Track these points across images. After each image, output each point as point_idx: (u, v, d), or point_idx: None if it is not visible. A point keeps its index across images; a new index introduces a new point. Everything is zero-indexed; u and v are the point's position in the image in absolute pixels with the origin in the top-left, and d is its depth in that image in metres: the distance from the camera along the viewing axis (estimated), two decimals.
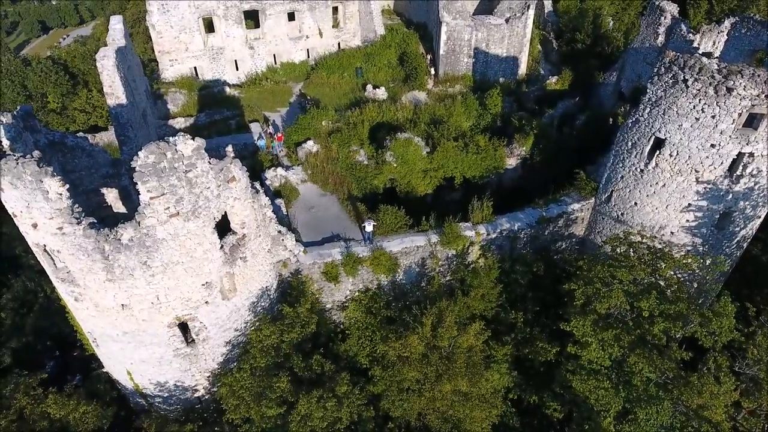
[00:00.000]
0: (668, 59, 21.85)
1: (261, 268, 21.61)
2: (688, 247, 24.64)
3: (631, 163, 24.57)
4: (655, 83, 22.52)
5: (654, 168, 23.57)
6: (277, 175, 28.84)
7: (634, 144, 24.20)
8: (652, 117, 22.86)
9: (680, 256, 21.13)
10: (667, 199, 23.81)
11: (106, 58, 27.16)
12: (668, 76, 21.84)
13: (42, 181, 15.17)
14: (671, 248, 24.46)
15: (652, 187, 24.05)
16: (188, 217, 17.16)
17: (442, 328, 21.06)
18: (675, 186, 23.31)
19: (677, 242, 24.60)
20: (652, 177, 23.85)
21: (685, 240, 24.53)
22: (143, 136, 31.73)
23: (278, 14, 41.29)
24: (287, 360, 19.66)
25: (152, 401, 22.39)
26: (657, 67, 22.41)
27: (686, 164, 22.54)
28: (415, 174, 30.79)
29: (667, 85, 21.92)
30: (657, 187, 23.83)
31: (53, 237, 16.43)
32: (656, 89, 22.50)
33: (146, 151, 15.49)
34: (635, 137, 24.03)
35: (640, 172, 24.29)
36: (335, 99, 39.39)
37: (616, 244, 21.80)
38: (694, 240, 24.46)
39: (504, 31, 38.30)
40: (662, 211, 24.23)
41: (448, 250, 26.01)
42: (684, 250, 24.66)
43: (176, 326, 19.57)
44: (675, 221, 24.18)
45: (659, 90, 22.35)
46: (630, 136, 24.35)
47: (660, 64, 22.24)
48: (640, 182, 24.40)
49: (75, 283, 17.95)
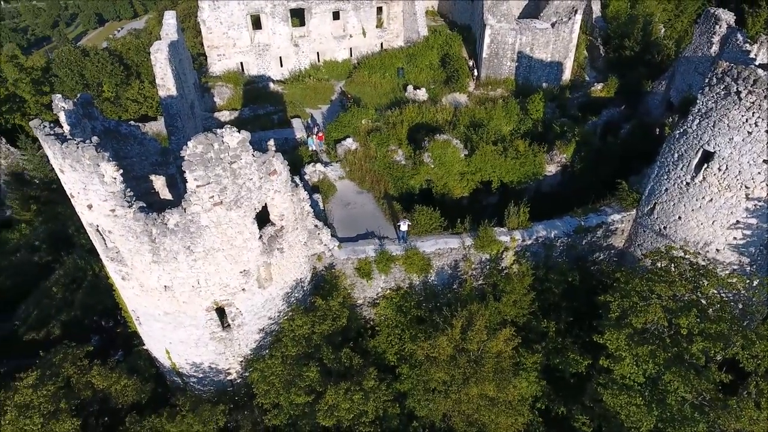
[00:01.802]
0: (721, 69, 21.11)
1: (296, 260, 22.14)
2: (734, 266, 23.72)
3: (677, 175, 23.85)
4: (705, 94, 21.79)
5: (701, 182, 22.80)
6: (315, 170, 29.42)
7: (680, 156, 23.48)
8: (701, 129, 22.14)
9: (725, 275, 20.38)
10: (713, 214, 23.00)
11: (159, 52, 28.36)
12: (720, 87, 21.11)
13: (99, 165, 16.05)
14: (716, 266, 23.63)
15: (698, 202, 23.28)
16: (231, 207, 17.79)
17: (472, 332, 21.04)
18: (723, 202, 22.50)
19: (722, 260, 23.73)
20: (698, 191, 23.09)
21: (731, 258, 23.62)
22: (191, 127, 32.97)
23: (323, 13, 42.05)
24: (317, 351, 20.09)
25: (187, 381, 23.28)
26: (709, 77, 21.69)
27: (736, 180, 21.73)
28: (452, 176, 30.79)
29: (719, 97, 21.19)
30: (703, 201, 23.05)
31: (106, 218, 17.36)
32: (707, 100, 21.78)
33: (195, 142, 16.16)
34: (682, 149, 23.32)
35: (685, 185, 23.55)
36: (376, 98, 39.86)
37: (656, 258, 21.23)
38: (741, 259, 23.53)
39: (549, 36, 37.77)
40: (708, 227, 23.42)
41: (482, 254, 25.90)
42: (729, 268, 23.75)
43: (214, 310, 20.28)
44: (721, 238, 23.33)
45: (710, 101, 21.63)
46: (677, 148, 23.64)
47: (712, 74, 21.52)
48: (686, 196, 23.65)
49: (123, 263, 18.89)
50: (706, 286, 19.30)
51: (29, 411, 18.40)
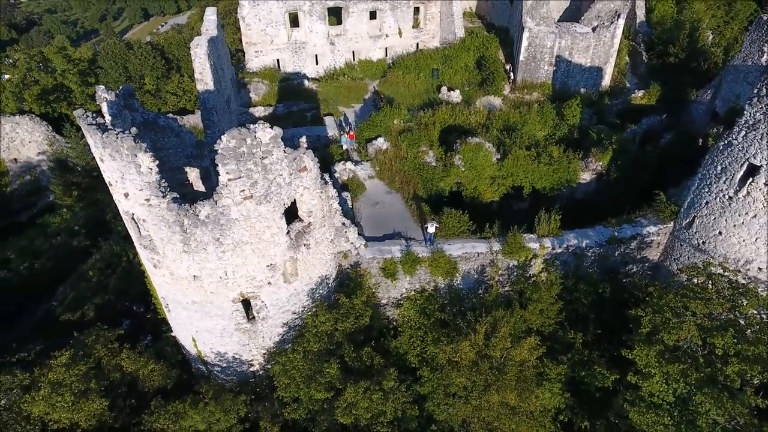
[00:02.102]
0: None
1: (322, 257, 22.28)
2: None
3: (719, 189, 22.89)
4: (754, 105, 20.85)
5: (745, 197, 21.82)
6: (345, 168, 29.55)
7: (724, 169, 22.53)
8: (748, 141, 21.19)
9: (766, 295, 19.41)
10: (757, 231, 21.97)
11: (199, 47, 29.02)
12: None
13: (136, 156, 16.53)
14: (756, 285, 22.60)
15: (740, 217, 22.29)
16: (260, 201, 18.04)
17: (496, 338, 20.72)
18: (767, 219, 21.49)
19: (765, 279, 22.65)
20: (741, 206, 22.10)
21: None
22: (226, 121, 33.62)
23: (360, 12, 42.18)
24: (339, 348, 20.16)
25: (211, 369, 23.75)
26: (758, 87, 20.74)
27: None
28: (483, 180, 30.42)
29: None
30: (746, 217, 22.06)
31: (141, 207, 17.87)
32: (755, 111, 20.83)
33: (228, 136, 16.45)
34: (726, 161, 22.37)
35: (728, 199, 22.58)
36: (409, 98, 39.73)
37: (693, 273, 20.40)
38: None
39: (590, 40, 36.86)
40: (750, 245, 22.39)
41: (510, 260, 25.49)
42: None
43: (240, 302, 20.62)
44: (764, 257, 22.27)
45: (758, 113, 20.68)
46: (720, 160, 22.69)
47: (762, 84, 20.56)
48: (727, 210, 22.68)
49: (155, 251, 19.41)
50: (745, 305, 18.41)
51: (61, 389, 19.14)
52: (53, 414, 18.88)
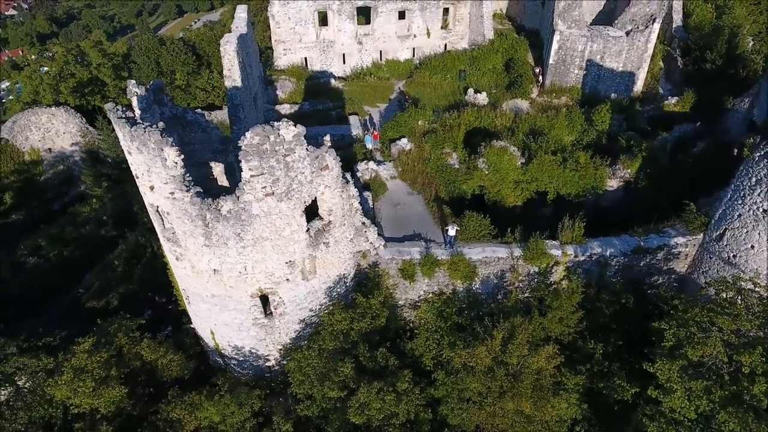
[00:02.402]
0: None
1: (341, 256, 22.33)
2: None
3: (753, 201, 22.04)
4: None
5: None
6: (368, 168, 29.54)
7: (758, 180, 21.69)
8: None
9: None
10: None
11: (228, 44, 29.44)
12: None
13: (162, 150, 16.86)
14: None
15: None
16: (281, 198, 18.17)
17: (513, 345, 20.41)
18: None
19: None
20: None
21: None
22: (252, 118, 34.00)
23: (389, 12, 42.17)
24: (354, 347, 20.16)
25: (228, 362, 24.08)
26: None
27: None
28: (506, 184, 30.00)
29: None
30: None
31: (165, 200, 18.22)
32: None
33: (252, 133, 16.62)
34: (761, 173, 21.53)
35: (762, 212, 21.73)
36: (435, 100, 39.51)
37: (721, 287, 19.69)
38: None
39: (623, 45, 35.99)
40: None
41: (531, 266, 25.09)
42: None
43: (258, 297, 20.82)
44: None
45: None
46: (755, 171, 21.86)
47: None
48: (761, 224, 21.83)
49: (178, 244, 19.77)
50: None
51: (83, 374, 19.68)
52: (74, 399, 19.42)
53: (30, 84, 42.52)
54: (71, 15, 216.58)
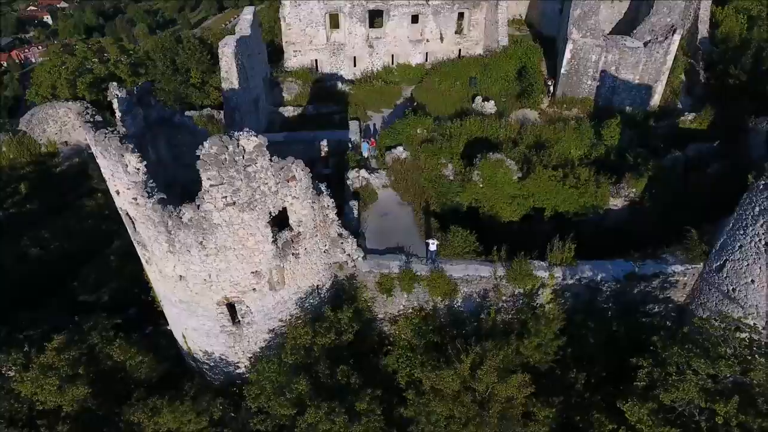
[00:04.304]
0: None
1: (314, 267, 21.92)
2: None
3: (755, 232, 20.38)
4: None
5: None
6: (359, 176, 29.02)
7: (762, 210, 20.04)
8: None
9: None
10: None
11: (227, 46, 29.57)
12: None
13: (123, 156, 16.84)
14: None
15: None
16: (243, 208, 17.90)
17: (481, 371, 19.56)
18: None
19: None
20: None
21: None
22: (253, 120, 34.08)
23: (402, 16, 41.56)
24: (316, 363, 19.73)
25: (201, 367, 24.08)
26: None
27: None
28: (502, 198, 28.94)
29: None
30: None
31: (130, 205, 18.25)
32: None
33: (209, 143, 16.40)
34: (765, 203, 19.88)
35: (764, 245, 20.07)
36: (442, 107, 38.69)
37: (706, 326, 18.25)
38: None
39: (640, 56, 34.24)
40: None
41: (515, 287, 24.06)
42: None
43: (224, 305, 20.65)
44: None
45: None
46: (759, 200, 20.21)
47: None
48: (763, 257, 20.15)
49: (146, 248, 19.82)
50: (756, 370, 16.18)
51: (50, 372, 19.96)
52: (40, 395, 19.72)
53: (49, 78, 44.11)
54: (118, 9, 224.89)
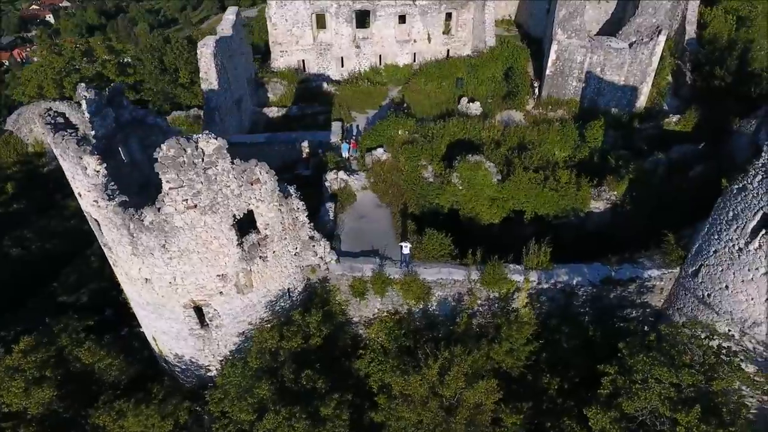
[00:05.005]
0: None
1: (283, 270, 21.75)
2: None
3: (729, 237, 20.12)
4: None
5: (756, 249, 19.04)
6: (337, 178, 28.80)
7: (736, 216, 19.77)
8: (763, 187, 18.44)
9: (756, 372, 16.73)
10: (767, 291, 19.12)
11: (206, 47, 29.40)
12: None
13: (81, 158, 16.70)
14: (766, 351, 19.76)
15: (750, 272, 19.48)
16: (205, 211, 17.74)
17: (449, 376, 19.35)
18: None
19: None
20: (752, 260, 19.30)
21: None
22: (234, 120, 33.96)
23: (388, 16, 41.29)
24: (282, 367, 19.55)
25: (173, 369, 23.96)
26: None
27: None
28: (481, 201, 28.66)
29: None
30: (756, 273, 19.24)
31: (92, 207, 18.12)
32: None
33: (167, 145, 16.24)
34: (738, 208, 19.61)
35: (737, 250, 19.80)
36: (427, 108, 38.45)
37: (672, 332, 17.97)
38: None
39: (625, 57, 33.88)
40: (759, 305, 19.53)
41: (489, 291, 23.82)
42: None
43: (191, 308, 20.51)
44: None
45: None
46: (733, 205, 19.94)
47: None
48: (736, 263, 19.89)
49: (111, 250, 19.70)
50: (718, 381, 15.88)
51: (16, 374, 19.87)
52: (5, 398, 19.63)
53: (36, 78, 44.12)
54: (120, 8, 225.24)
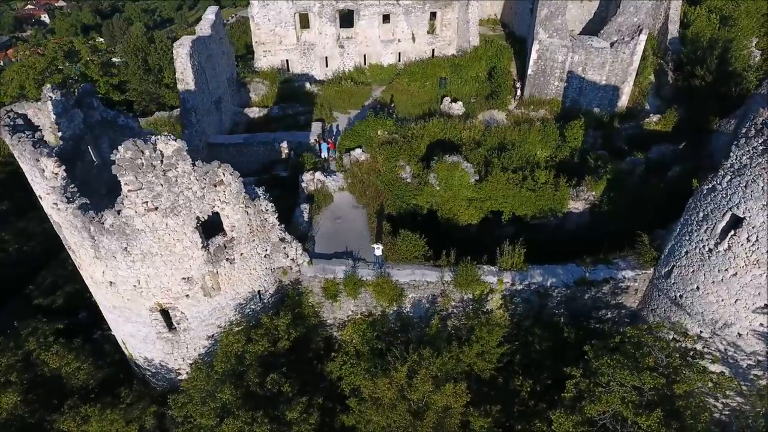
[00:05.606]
0: (761, 119, 17.19)
1: (253, 272, 21.55)
2: (759, 357, 19.48)
3: (700, 238, 19.96)
4: (741, 146, 17.93)
5: (725, 251, 18.88)
6: (314, 179, 28.60)
7: (706, 216, 19.60)
8: (732, 188, 18.26)
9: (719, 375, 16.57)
10: (737, 292, 18.97)
11: (182, 47, 29.12)
12: (758, 140, 17.24)
13: (38, 160, 16.48)
14: (736, 353, 19.64)
15: (720, 273, 19.32)
16: (167, 214, 17.52)
17: (416, 379, 19.16)
18: (749, 279, 18.47)
19: (746, 348, 19.58)
20: (721, 261, 19.14)
21: (757, 348, 19.40)
22: (213, 121, 33.72)
23: (372, 16, 41.06)
24: (247, 371, 19.35)
25: (144, 373, 23.75)
26: (746, 126, 17.78)
27: (767, 256, 17.67)
28: (459, 201, 28.48)
29: (755, 153, 17.32)
30: (726, 274, 19.09)
31: (52, 210, 17.90)
32: (741, 154, 17.91)
33: (124, 147, 16.02)
34: (708, 208, 19.45)
35: (708, 251, 19.64)
36: (410, 108, 38.23)
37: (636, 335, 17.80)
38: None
39: (606, 56, 33.71)
40: (729, 306, 19.38)
41: (463, 292, 23.64)
42: (754, 359, 19.55)
43: (158, 311, 20.29)
44: (744, 322, 19.22)
45: (745, 156, 17.75)
46: (703, 206, 19.77)
47: (750, 123, 17.59)
48: (707, 264, 19.74)
49: (75, 253, 19.48)
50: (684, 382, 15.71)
51: None
52: None
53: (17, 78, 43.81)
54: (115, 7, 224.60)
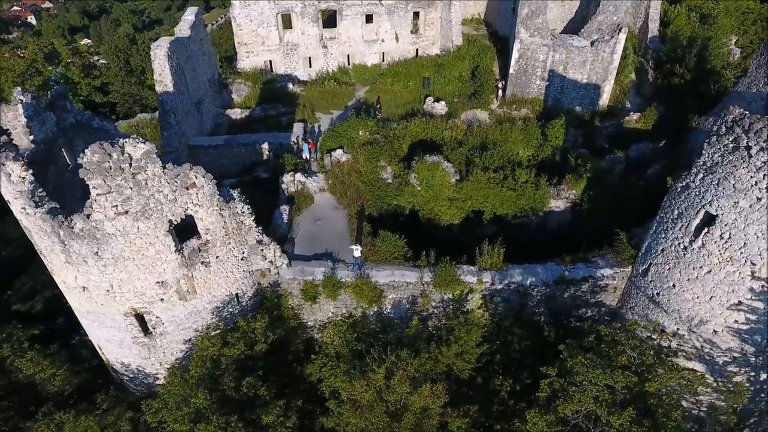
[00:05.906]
0: (731, 117, 17.29)
1: (229, 275, 21.38)
2: (735, 353, 19.61)
3: (675, 236, 20.05)
4: (712, 144, 18.01)
5: (699, 248, 18.97)
6: (294, 180, 28.45)
7: (680, 214, 19.70)
8: (704, 186, 18.35)
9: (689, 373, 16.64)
10: (711, 289, 19.08)
11: (159, 48, 28.85)
12: (729, 138, 17.33)
13: (4, 164, 16.23)
14: (712, 349, 19.76)
15: (694, 271, 19.42)
16: (137, 217, 17.32)
17: (394, 380, 19.09)
18: (723, 276, 18.57)
19: (721, 345, 19.70)
20: (696, 258, 19.24)
21: (732, 344, 19.53)
22: (193, 122, 33.45)
23: (355, 16, 40.95)
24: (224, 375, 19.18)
25: (121, 378, 23.50)
26: (717, 124, 17.87)
27: (739, 252, 17.80)
28: (440, 201, 28.45)
29: (726, 150, 17.40)
30: (701, 272, 19.19)
31: (20, 215, 17.64)
32: (713, 152, 17.98)
33: (91, 150, 15.80)
34: (682, 206, 19.54)
35: (683, 249, 19.73)
36: (393, 108, 38.11)
37: (609, 333, 17.85)
38: (744, 347, 19.37)
39: (587, 55, 33.84)
40: (704, 303, 19.49)
41: (443, 293, 23.60)
42: (730, 356, 19.69)
43: (133, 316, 20.08)
44: (720, 318, 19.33)
45: (716, 154, 17.83)
46: (677, 204, 19.86)
47: (721, 121, 17.69)
48: (682, 261, 19.83)
49: (47, 258, 19.22)
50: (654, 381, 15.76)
51: None
52: None
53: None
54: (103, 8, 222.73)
